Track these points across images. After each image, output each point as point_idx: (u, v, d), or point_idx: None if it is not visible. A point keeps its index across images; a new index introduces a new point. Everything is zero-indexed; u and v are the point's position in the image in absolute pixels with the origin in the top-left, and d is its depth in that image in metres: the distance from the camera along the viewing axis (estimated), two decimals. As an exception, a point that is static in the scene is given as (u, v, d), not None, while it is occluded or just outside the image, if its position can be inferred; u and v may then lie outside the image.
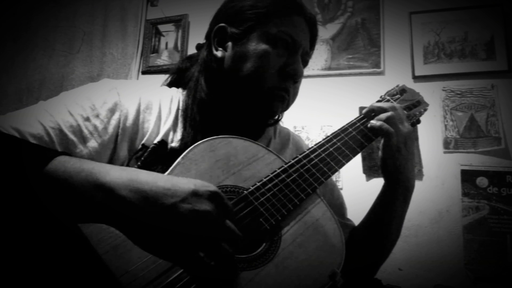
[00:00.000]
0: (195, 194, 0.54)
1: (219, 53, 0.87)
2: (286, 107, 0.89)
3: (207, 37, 0.92)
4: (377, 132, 0.86)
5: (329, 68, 2.17)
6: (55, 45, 2.68)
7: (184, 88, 0.91)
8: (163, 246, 0.52)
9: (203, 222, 0.53)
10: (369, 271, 0.96)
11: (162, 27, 2.56)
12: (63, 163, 0.54)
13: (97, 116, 0.75)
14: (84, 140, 0.72)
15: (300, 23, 0.87)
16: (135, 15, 2.59)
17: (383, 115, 0.86)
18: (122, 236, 0.54)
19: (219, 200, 0.56)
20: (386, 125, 0.84)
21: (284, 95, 0.85)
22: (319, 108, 2.10)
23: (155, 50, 2.54)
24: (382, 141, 0.86)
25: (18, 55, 2.71)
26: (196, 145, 0.72)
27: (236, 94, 0.85)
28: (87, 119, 0.73)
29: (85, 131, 0.73)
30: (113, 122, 0.76)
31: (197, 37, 2.43)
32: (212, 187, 0.56)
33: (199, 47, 0.97)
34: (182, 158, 0.70)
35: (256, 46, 0.83)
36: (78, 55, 2.62)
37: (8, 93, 2.65)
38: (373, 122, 0.86)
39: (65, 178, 0.52)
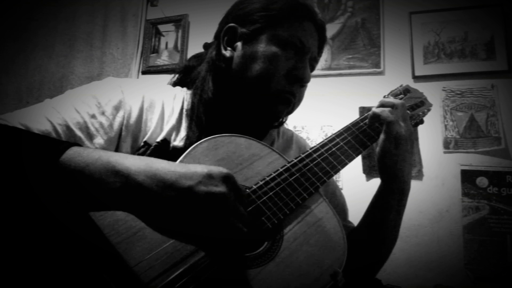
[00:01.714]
0: (209, 177, 0.55)
1: (228, 53, 0.87)
2: (291, 110, 0.89)
3: (216, 36, 0.92)
4: (377, 120, 0.85)
5: (329, 68, 2.17)
6: (55, 45, 2.68)
7: (189, 88, 0.91)
8: (181, 230, 0.54)
9: (218, 203, 0.54)
10: (369, 271, 0.96)
11: (162, 27, 2.56)
12: (79, 153, 0.55)
13: (103, 113, 0.75)
14: (90, 137, 0.73)
15: (310, 28, 0.87)
16: (135, 15, 2.59)
17: (386, 108, 0.85)
18: (126, 232, 0.54)
19: (232, 183, 0.57)
20: (386, 112, 0.84)
21: (290, 98, 0.85)
22: (319, 108, 2.10)
23: (155, 50, 2.54)
24: (381, 136, 0.85)
25: (18, 55, 2.71)
26: (199, 143, 0.72)
27: (243, 94, 0.85)
28: (93, 116, 0.74)
29: (92, 128, 0.73)
30: (118, 119, 0.77)
31: (197, 37, 2.43)
32: (225, 170, 0.58)
33: (206, 46, 0.97)
34: (185, 156, 0.70)
35: (265, 47, 0.83)
36: (78, 55, 2.62)
37: (8, 93, 2.65)
38: (376, 110, 0.86)
39: (83, 167, 0.53)
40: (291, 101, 0.86)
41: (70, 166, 0.53)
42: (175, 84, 0.95)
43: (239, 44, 0.86)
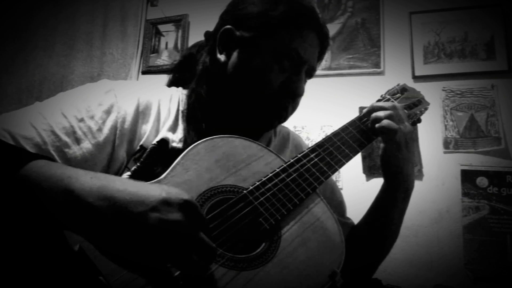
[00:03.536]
0: (165, 203, 0.51)
1: (222, 57, 0.85)
2: (284, 120, 0.89)
3: (213, 37, 0.89)
4: (379, 129, 0.84)
5: (329, 68, 2.17)
6: (55, 45, 2.68)
7: (184, 87, 0.90)
8: (133, 259, 0.51)
9: (172, 233, 0.50)
10: (368, 270, 0.96)
11: (162, 27, 2.56)
12: (37, 168, 0.53)
13: (92, 117, 0.73)
14: (77, 141, 0.71)
15: (311, 38, 0.85)
16: (135, 15, 2.59)
17: (383, 113, 0.85)
18: None
19: (192, 210, 0.53)
20: (388, 122, 0.83)
21: (282, 113, 0.85)
22: (319, 108, 2.10)
23: (155, 50, 2.54)
24: (383, 140, 0.86)
25: (18, 55, 2.72)
26: (196, 145, 0.72)
27: (235, 101, 0.84)
28: (81, 120, 0.72)
29: (79, 132, 0.71)
30: (109, 123, 0.74)
31: (197, 37, 2.42)
32: (185, 195, 0.53)
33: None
34: (182, 157, 0.70)
35: (260, 58, 0.81)
36: (78, 55, 2.62)
37: (8, 93, 2.65)
38: (378, 115, 0.85)
39: (37, 183, 0.51)
40: (282, 116, 0.85)
41: (25, 181, 0.51)
42: (170, 84, 0.94)
43: (234, 50, 0.84)
